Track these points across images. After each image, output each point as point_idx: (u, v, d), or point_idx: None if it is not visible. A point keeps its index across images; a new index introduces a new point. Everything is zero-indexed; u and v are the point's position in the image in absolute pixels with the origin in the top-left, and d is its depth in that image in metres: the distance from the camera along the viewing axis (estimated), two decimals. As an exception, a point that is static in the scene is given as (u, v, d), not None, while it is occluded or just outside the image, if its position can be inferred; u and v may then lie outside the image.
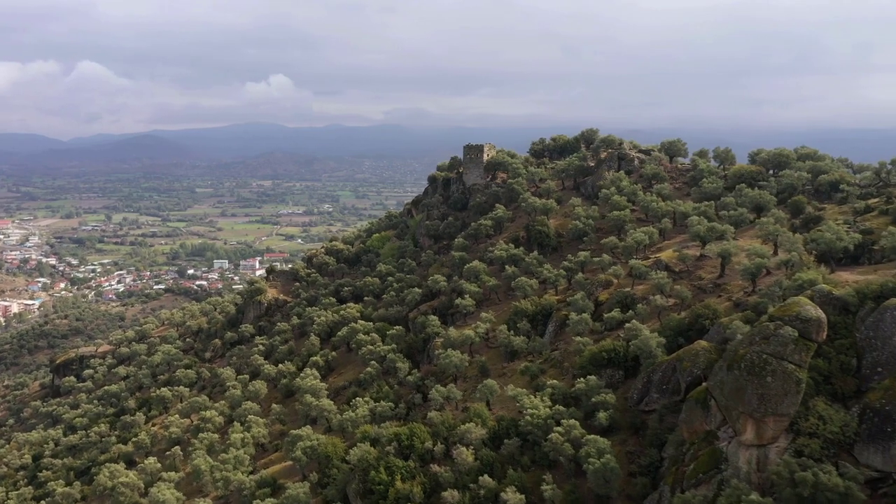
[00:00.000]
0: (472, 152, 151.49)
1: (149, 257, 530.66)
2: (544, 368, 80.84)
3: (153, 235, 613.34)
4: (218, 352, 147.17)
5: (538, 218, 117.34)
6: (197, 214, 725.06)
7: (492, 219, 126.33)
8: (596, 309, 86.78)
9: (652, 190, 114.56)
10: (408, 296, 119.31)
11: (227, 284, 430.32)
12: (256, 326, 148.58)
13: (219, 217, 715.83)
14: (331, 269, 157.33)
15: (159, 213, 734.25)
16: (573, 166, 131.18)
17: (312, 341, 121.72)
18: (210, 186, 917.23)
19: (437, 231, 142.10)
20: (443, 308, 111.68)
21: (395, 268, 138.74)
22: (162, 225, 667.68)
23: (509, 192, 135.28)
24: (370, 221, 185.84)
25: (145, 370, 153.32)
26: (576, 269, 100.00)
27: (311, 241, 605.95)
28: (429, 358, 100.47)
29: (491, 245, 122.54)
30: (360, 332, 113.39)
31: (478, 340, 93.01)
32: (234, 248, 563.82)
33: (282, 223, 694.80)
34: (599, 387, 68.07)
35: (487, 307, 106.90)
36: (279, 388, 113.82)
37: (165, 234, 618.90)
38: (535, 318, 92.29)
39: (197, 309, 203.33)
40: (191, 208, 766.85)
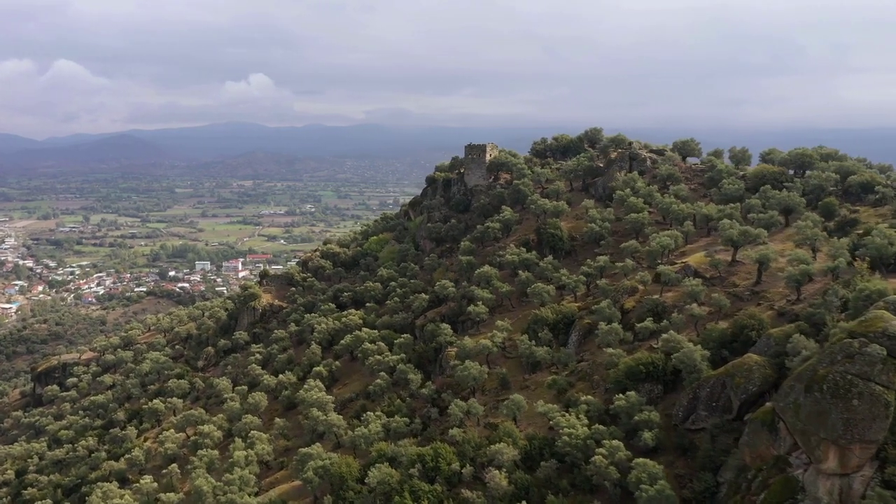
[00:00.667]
0: (473, 152, 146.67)
1: (129, 259, 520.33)
2: (572, 382, 76.17)
3: (133, 237, 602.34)
4: (211, 360, 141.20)
5: (549, 220, 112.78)
6: (177, 215, 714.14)
7: (499, 221, 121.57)
8: (622, 317, 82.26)
9: (668, 191, 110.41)
10: (414, 302, 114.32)
11: (210, 286, 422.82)
12: (251, 333, 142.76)
13: (199, 218, 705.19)
14: (327, 273, 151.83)
15: (138, 213, 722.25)
16: (582, 167, 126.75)
17: (313, 350, 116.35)
18: (190, 187, 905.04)
19: (440, 234, 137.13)
20: (452, 315, 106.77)
21: (397, 272, 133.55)
22: (141, 226, 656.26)
23: (515, 194, 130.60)
24: (365, 223, 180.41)
25: (133, 379, 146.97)
26: (595, 274, 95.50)
27: (293, 241, 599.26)
28: (441, 368, 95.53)
29: (500, 249, 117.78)
30: (366, 341, 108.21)
31: (495, 350, 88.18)
32: (216, 249, 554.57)
33: (264, 224, 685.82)
34: (640, 403, 63.51)
35: (500, 314, 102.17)
36: (280, 401, 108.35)
37: (145, 236, 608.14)
38: (557, 326, 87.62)
39: (184, 314, 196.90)
40: (170, 209, 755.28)
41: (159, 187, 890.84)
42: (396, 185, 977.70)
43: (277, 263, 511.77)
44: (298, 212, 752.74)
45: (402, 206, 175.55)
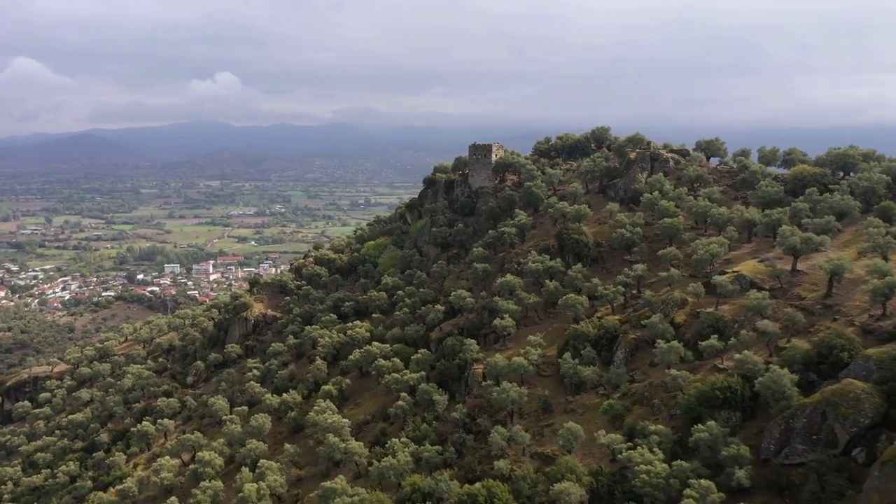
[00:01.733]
0: (478, 152, 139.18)
1: (94, 262, 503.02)
2: (628, 406, 69.04)
3: (98, 239, 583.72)
4: (201, 376, 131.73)
5: (572, 225, 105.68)
6: (143, 216, 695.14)
7: (515, 226, 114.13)
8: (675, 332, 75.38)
9: (697, 194, 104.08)
10: (428, 314, 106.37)
11: (181, 290, 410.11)
12: (244, 346, 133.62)
13: (166, 219, 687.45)
14: (323, 280, 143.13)
15: (103, 215, 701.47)
16: (600, 168, 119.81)
17: (318, 366, 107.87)
18: (156, 187, 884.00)
19: (446, 239, 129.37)
20: (472, 328, 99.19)
21: (402, 280, 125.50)
22: (106, 228, 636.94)
23: (528, 196, 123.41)
24: (360, 227, 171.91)
25: (115, 396, 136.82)
26: (633, 284, 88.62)
27: (264, 243, 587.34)
28: (468, 388, 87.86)
29: (517, 255, 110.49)
30: (379, 357, 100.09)
31: (531, 369, 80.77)
32: (185, 251, 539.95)
33: (233, 225, 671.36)
34: (724, 435, 56.55)
35: (526, 327, 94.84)
36: (286, 423, 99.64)
37: (111, 238, 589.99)
38: (599, 342, 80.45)
39: (164, 323, 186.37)
40: (136, 210, 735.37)
41: (124, 188, 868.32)
42: (366, 184, 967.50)
43: (249, 265, 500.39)
44: (268, 212, 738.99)
45: (398, 208, 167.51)
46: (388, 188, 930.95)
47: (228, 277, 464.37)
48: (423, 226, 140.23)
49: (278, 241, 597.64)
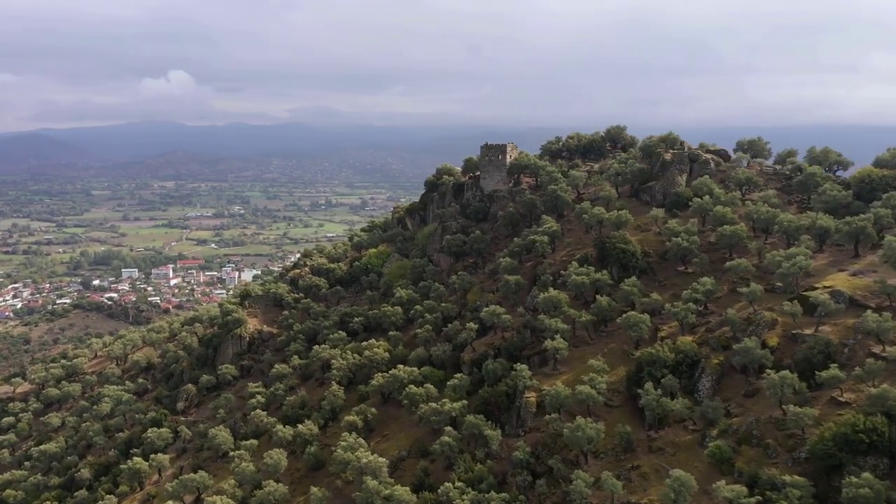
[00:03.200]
0: (491, 153, 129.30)
1: (46, 267, 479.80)
2: (734, 447, 59.89)
3: (49, 243, 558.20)
4: (193, 400, 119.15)
5: (615, 234, 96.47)
6: (96, 219, 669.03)
7: (546, 233, 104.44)
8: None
9: (748, 198, 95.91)
10: (457, 332, 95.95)
11: (141, 296, 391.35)
12: (238, 367, 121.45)
13: (121, 221, 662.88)
14: (323, 292, 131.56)
15: (53, 218, 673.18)
16: (632, 170, 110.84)
17: (334, 391, 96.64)
18: (107, 188, 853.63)
19: (461, 247, 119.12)
20: (511, 349, 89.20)
21: (417, 292, 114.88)
22: (57, 231, 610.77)
23: (552, 201, 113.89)
24: (355, 233, 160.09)
25: (95, 425, 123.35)
26: (701, 299, 79.70)
27: (225, 245, 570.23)
28: (520, 420, 77.86)
29: (550, 266, 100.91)
30: (407, 381, 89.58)
31: (599, 399, 71.21)
32: (143, 254, 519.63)
33: (191, 227, 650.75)
34: (885, 488, 47.68)
35: (575, 347, 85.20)
36: (303, 459, 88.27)
37: (63, 242, 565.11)
38: (678, 368, 71.25)
39: (138, 337, 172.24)
40: (88, 212, 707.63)
41: (74, 189, 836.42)
42: (326, 184, 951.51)
43: (211, 269, 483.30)
44: (227, 213, 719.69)
45: (396, 212, 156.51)
46: (349, 188, 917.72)
47: (190, 282, 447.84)
48: (431, 233, 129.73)
49: (239, 243, 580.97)
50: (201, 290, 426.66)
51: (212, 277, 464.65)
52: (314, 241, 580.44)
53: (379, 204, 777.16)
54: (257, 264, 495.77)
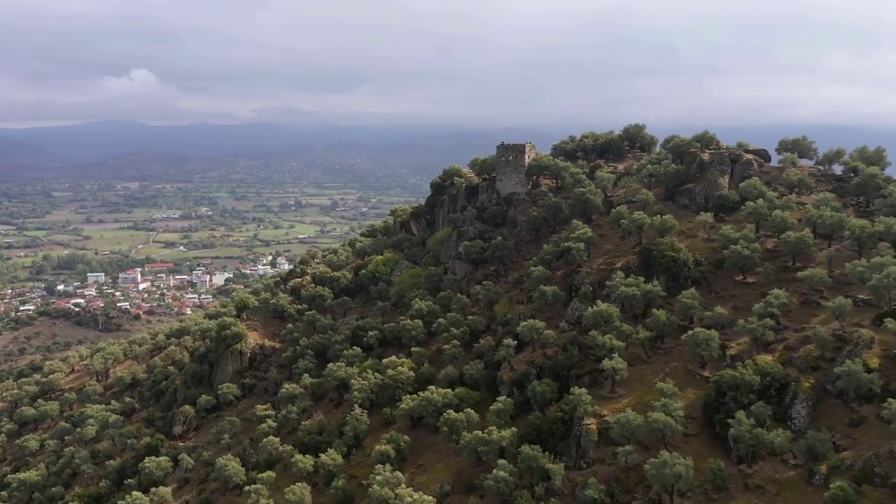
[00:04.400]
0: (508, 153, 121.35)
1: (7, 272, 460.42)
2: (857, 487, 52.69)
3: (9, 247, 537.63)
4: (191, 423, 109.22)
5: (661, 240, 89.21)
6: (58, 221, 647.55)
7: (580, 240, 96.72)
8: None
9: (802, 202, 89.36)
10: (496, 350, 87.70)
11: (109, 302, 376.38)
12: (240, 385, 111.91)
13: (84, 224, 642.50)
14: (328, 303, 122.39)
15: (13, 220, 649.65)
16: (668, 171, 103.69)
17: (357, 415, 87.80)
18: (69, 190, 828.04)
19: (481, 254, 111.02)
20: (557, 368, 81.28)
21: (436, 303, 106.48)
22: (18, 234, 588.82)
23: (581, 204, 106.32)
24: (356, 238, 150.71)
25: (81, 451, 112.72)
26: (776, 313, 72.62)
27: (194, 247, 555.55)
28: (580, 451, 69.95)
29: (588, 275, 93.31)
30: (442, 404, 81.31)
31: (679, 430, 63.63)
32: (109, 258, 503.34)
33: (158, 229, 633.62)
34: None
35: (631, 366, 77.53)
36: (328, 493, 79.37)
37: (24, 245, 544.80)
38: (766, 392, 64.00)
39: (119, 350, 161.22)
40: (49, 214, 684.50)
41: (34, 191, 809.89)
42: (294, 185, 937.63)
43: (181, 272, 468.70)
44: (194, 215, 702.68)
45: (399, 216, 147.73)
46: (318, 188, 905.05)
47: (160, 286, 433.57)
48: (444, 238, 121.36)
49: (209, 245, 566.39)
50: (172, 294, 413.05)
51: (182, 281, 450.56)
52: (285, 242, 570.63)
53: (350, 205, 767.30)
54: (228, 267, 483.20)
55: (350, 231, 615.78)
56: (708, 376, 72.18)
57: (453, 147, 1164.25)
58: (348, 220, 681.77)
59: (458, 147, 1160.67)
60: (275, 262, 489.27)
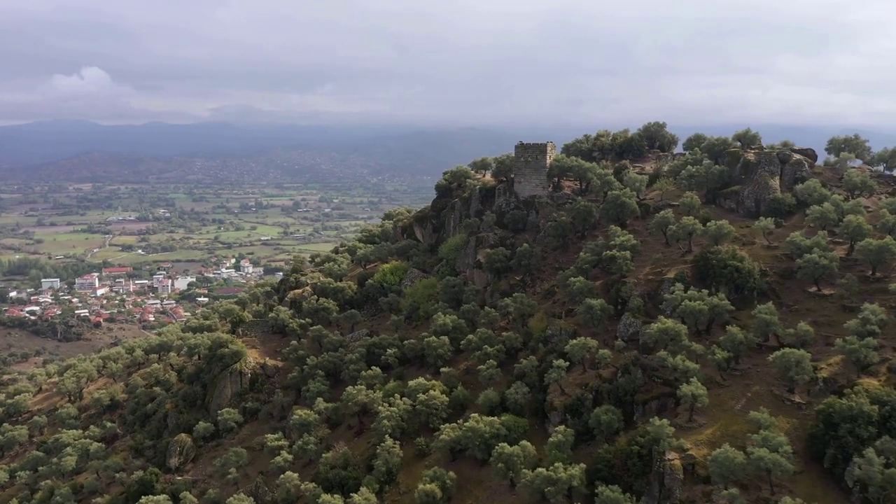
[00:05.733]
0: (528, 153, 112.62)
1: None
2: None
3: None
4: (188, 454, 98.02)
5: (722, 248, 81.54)
6: (7, 224, 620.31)
7: (625, 248, 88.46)
8: None
9: (868, 207, 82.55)
10: (547, 371, 78.71)
11: (67, 309, 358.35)
12: (241, 410, 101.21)
13: (35, 227, 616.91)
14: (333, 317, 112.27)
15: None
16: (711, 172, 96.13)
17: (389, 447, 78.09)
18: (18, 192, 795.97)
19: (506, 262, 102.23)
20: (619, 393, 72.87)
21: (460, 317, 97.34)
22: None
23: (616, 208, 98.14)
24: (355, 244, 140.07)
25: (63, 487, 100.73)
26: (877, 331, 65.19)
27: (153, 251, 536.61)
28: (665, 490, 61.55)
29: (635, 286, 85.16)
30: (489, 434, 72.33)
31: (790, 469, 55.64)
32: (63, 263, 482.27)
33: (114, 232, 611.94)
34: None
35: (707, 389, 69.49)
36: (366, 539, 69.75)
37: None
38: (887, 422, 56.38)
39: (92, 367, 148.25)
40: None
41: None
42: (254, 185, 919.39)
43: (140, 277, 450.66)
44: (151, 217, 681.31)
45: (398, 220, 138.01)
46: (278, 189, 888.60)
47: (119, 291, 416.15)
48: (460, 245, 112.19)
49: (168, 248, 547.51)
50: (132, 300, 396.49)
51: (142, 286, 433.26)
52: (248, 244, 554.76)
53: (312, 205, 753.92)
54: (190, 270, 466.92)
55: (314, 232, 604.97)
56: (800, 402, 64.77)
57: (414, 147, 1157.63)
58: (311, 221, 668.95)
59: (420, 147, 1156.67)
60: (238, 264, 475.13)
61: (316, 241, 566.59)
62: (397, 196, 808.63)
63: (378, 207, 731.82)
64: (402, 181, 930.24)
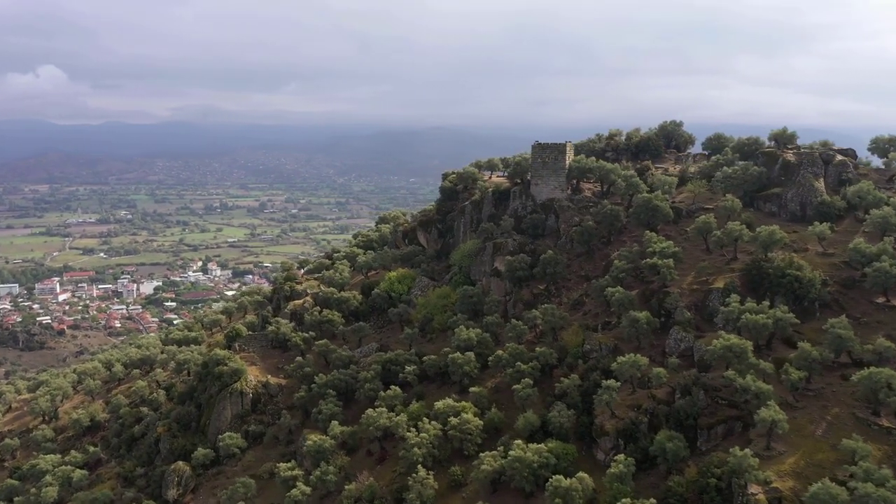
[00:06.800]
0: (545, 154, 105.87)
1: None
2: None
3: None
4: (188, 484, 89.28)
5: (777, 256, 75.68)
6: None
7: (666, 255, 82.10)
8: None
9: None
10: (598, 393, 71.73)
11: (28, 316, 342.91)
12: (244, 433, 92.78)
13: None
14: (339, 330, 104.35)
15: None
16: (749, 174, 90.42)
17: (422, 478, 70.67)
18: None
19: (529, 271, 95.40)
20: (680, 415, 66.46)
21: (483, 329, 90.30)
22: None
23: (648, 212, 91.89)
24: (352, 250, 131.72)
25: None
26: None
27: (116, 254, 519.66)
28: (750, 529, 55.24)
29: (680, 297, 78.96)
30: (538, 464, 65.42)
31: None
32: (22, 267, 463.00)
33: (74, 234, 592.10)
34: None
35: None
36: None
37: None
38: None
39: (67, 384, 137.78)
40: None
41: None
42: (218, 186, 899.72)
43: (104, 281, 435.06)
44: (113, 219, 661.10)
45: (400, 224, 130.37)
46: (243, 189, 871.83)
47: (82, 297, 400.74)
48: (474, 252, 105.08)
49: (131, 251, 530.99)
50: (96, 305, 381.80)
51: (106, 291, 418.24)
52: (214, 246, 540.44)
53: (278, 206, 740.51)
54: (156, 274, 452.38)
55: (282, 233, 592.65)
56: (890, 427, 58.97)
57: (381, 147, 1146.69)
58: (279, 222, 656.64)
59: (386, 147, 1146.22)
60: (206, 267, 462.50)
61: (284, 242, 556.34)
62: (365, 196, 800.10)
63: (346, 208, 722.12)
64: (370, 181, 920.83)
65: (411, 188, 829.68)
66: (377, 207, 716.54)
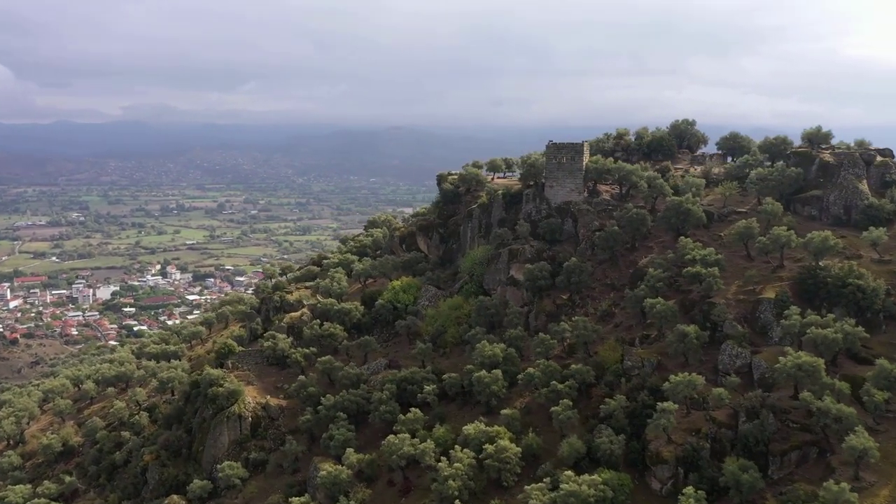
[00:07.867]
0: (561, 154, 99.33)
1: None
2: None
3: None
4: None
5: (835, 263, 70.34)
6: None
7: (708, 263, 76.26)
8: None
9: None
10: (656, 417, 65.26)
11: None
12: (243, 460, 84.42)
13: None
14: (342, 345, 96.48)
15: None
16: (787, 175, 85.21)
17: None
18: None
19: (549, 279, 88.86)
20: (749, 441, 60.51)
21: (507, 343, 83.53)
22: None
23: (679, 216, 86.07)
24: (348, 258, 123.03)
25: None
26: None
27: (69, 258, 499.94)
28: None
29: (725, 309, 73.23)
30: (595, 499, 58.85)
31: None
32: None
33: (23, 238, 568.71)
34: None
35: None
36: None
37: None
38: None
39: (33, 404, 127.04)
40: None
41: None
42: (173, 187, 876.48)
43: (57, 286, 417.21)
44: (64, 221, 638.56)
45: (397, 229, 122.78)
46: (200, 190, 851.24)
47: (34, 303, 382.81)
48: (487, 259, 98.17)
49: (85, 255, 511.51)
50: (51, 312, 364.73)
51: (61, 297, 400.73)
52: (173, 249, 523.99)
53: (237, 207, 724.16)
54: (112, 278, 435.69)
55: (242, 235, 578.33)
56: None
57: (340, 146, 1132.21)
58: (238, 223, 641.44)
59: (346, 146, 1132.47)
60: (164, 271, 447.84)
61: (246, 244, 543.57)
62: (325, 197, 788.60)
63: (307, 209, 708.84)
64: (329, 181, 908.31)
65: (372, 188, 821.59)
66: (338, 208, 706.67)
